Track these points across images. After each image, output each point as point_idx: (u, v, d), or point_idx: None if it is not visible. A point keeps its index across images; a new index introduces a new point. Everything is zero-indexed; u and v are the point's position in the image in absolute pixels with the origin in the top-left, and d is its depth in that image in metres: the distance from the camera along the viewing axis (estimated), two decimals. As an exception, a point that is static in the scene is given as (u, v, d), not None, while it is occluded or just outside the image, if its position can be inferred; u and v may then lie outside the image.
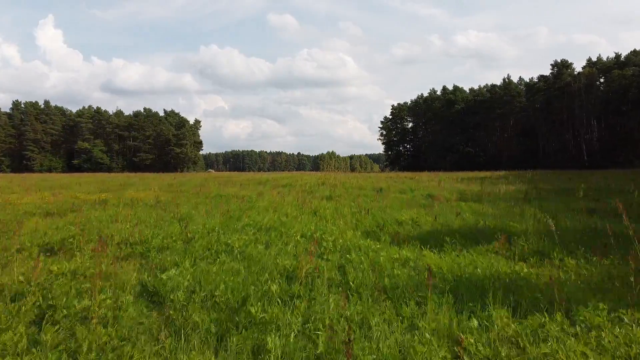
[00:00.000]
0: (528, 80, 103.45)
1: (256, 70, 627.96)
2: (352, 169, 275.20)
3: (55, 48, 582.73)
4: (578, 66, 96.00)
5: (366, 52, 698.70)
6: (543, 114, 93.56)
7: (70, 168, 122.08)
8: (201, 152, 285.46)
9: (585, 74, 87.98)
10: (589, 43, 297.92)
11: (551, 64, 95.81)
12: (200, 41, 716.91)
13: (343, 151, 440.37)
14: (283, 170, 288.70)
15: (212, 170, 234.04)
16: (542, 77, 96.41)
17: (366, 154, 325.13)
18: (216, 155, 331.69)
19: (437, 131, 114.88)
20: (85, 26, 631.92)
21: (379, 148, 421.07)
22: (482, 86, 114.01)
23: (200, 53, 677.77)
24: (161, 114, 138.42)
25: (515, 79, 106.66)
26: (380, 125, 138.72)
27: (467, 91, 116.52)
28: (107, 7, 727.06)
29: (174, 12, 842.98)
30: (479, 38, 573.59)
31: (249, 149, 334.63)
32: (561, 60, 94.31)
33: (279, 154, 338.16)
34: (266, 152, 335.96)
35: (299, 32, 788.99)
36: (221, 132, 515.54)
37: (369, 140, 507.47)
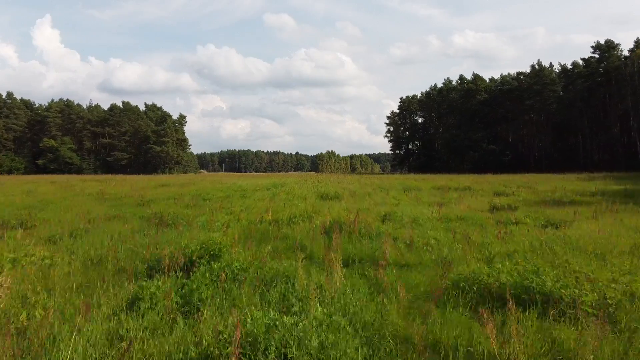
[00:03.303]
0: (562, 66, 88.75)
1: (254, 70, 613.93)
2: (353, 169, 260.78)
3: (52, 48, 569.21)
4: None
5: (364, 52, 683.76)
6: (584, 105, 78.79)
7: (37, 169, 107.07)
8: (196, 152, 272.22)
9: (638, 56, 73.29)
10: (587, 43, 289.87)
11: (592, 46, 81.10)
12: (198, 41, 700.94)
13: (341, 151, 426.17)
14: (280, 171, 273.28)
15: (204, 171, 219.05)
16: (583, 61, 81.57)
17: (366, 154, 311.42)
18: (211, 155, 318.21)
19: (454, 126, 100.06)
20: (83, 26, 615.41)
21: (377, 148, 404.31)
22: (504, 75, 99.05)
23: (197, 53, 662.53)
24: (142, 108, 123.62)
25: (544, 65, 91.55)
26: (387, 121, 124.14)
27: (487, 80, 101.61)
28: (104, 7, 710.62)
29: (172, 12, 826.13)
30: (476, 38, 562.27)
31: (246, 149, 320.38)
32: (605, 42, 79.48)
33: (276, 153, 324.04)
34: (263, 151, 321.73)
35: (297, 32, 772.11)
36: (219, 132, 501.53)
37: (367, 141, 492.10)
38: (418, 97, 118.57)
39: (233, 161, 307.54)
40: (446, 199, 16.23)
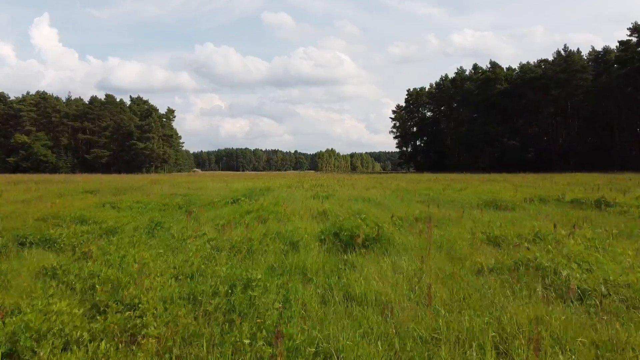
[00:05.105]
0: (593, 51, 79.11)
1: (253, 69, 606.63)
2: (353, 168, 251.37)
3: (50, 47, 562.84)
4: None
5: (363, 50, 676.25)
6: (619, 95, 69.15)
7: (12, 168, 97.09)
8: (193, 151, 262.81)
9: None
10: (585, 42, 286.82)
11: (629, 28, 71.20)
12: (197, 40, 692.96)
13: (341, 150, 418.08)
14: (279, 170, 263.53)
15: (199, 170, 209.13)
16: (620, 45, 71.76)
17: (366, 152, 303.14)
18: (208, 153, 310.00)
19: (469, 120, 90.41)
20: (81, 25, 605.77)
21: (377, 147, 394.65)
22: (524, 63, 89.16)
23: (196, 52, 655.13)
24: (127, 102, 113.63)
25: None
26: (392, 116, 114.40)
27: (505, 70, 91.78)
28: (102, 6, 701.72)
29: (170, 11, 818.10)
30: (475, 37, 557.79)
31: (244, 147, 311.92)
32: (645, 22, 69.63)
33: (275, 152, 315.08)
34: (261, 150, 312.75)
35: (295, 30, 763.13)
36: (218, 131, 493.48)
37: (367, 139, 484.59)
38: (427, 89, 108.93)
39: (230, 160, 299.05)
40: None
